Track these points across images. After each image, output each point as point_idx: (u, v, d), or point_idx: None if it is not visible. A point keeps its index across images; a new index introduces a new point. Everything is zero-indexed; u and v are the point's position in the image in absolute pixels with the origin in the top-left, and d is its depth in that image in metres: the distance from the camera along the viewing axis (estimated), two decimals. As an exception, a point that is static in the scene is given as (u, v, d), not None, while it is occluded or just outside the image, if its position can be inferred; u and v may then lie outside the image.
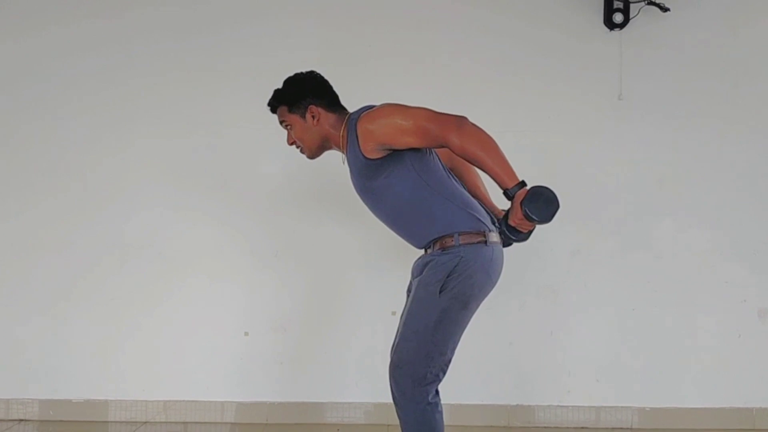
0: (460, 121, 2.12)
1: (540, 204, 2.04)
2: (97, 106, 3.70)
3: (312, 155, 2.46)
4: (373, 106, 2.31)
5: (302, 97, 2.38)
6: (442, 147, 2.19)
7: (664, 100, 3.63)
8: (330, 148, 2.44)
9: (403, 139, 2.18)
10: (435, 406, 2.24)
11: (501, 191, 2.13)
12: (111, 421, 3.64)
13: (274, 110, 2.46)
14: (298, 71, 2.45)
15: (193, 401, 3.65)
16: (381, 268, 3.58)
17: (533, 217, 2.04)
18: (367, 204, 2.41)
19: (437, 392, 2.26)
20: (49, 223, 3.69)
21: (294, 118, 2.40)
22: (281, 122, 2.45)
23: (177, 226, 3.68)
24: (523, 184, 2.08)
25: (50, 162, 3.70)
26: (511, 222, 2.13)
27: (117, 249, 3.68)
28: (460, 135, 2.09)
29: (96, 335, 3.67)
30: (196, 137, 3.68)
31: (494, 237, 2.30)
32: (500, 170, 2.08)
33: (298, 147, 2.47)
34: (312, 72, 2.45)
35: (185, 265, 3.67)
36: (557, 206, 2.05)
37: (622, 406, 3.60)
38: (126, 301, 3.67)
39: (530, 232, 2.22)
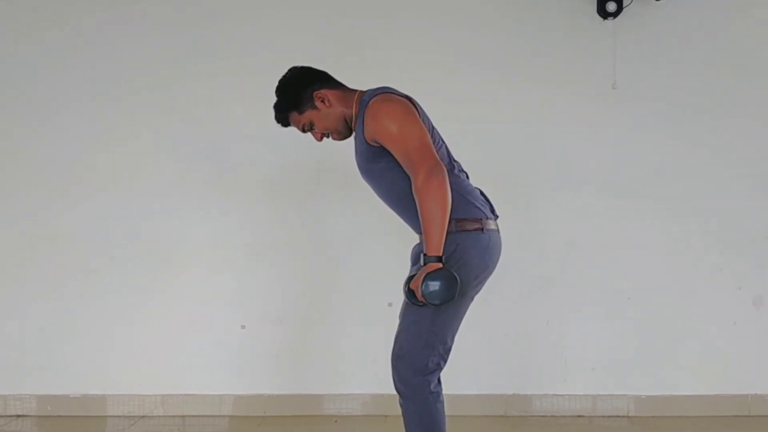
0: (434, 171, 2.14)
1: (437, 286, 2.09)
2: (91, 99, 3.68)
3: (344, 136, 2.45)
4: (387, 90, 2.31)
5: (302, 91, 2.37)
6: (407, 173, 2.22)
7: (658, 88, 3.62)
8: (351, 123, 2.41)
9: (386, 143, 2.23)
10: (437, 395, 2.25)
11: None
12: (109, 416, 3.64)
13: (286, 123, 2.43)
14: (278, 77, 2.42)
15: (190, 395, 3.65)
16: (377, 260, 3.58)
17: (424, 291, 2.10)
18: (368, 184, 2.43)
19: (439, 381, 2.27)
20: (44, 217, 3.68)
21: (309, 114, 2.38)
22: (301, 128, 2.43)
23: (172, 219, 3.67)
24: (439, 259, 2.13)
25: (44, 156, 3.69)
26: (411, 285, 2.18)
27: (112, 242, 3.67)
28: (424, 181, 2.13)
29: (92, 330, 3.66)
30: (190, 130, 3.67)
31: (491, 225, 2.32)
32: (431, 235, 2.13)
33: (328, 137, 2.45)
34: (292, 68, 2.44)
35: (181, 258, 3.67)
36: (447, 299, 2.11)
37: (618, 395, 3.62)
38: (122, 295, 3.66)
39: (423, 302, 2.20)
